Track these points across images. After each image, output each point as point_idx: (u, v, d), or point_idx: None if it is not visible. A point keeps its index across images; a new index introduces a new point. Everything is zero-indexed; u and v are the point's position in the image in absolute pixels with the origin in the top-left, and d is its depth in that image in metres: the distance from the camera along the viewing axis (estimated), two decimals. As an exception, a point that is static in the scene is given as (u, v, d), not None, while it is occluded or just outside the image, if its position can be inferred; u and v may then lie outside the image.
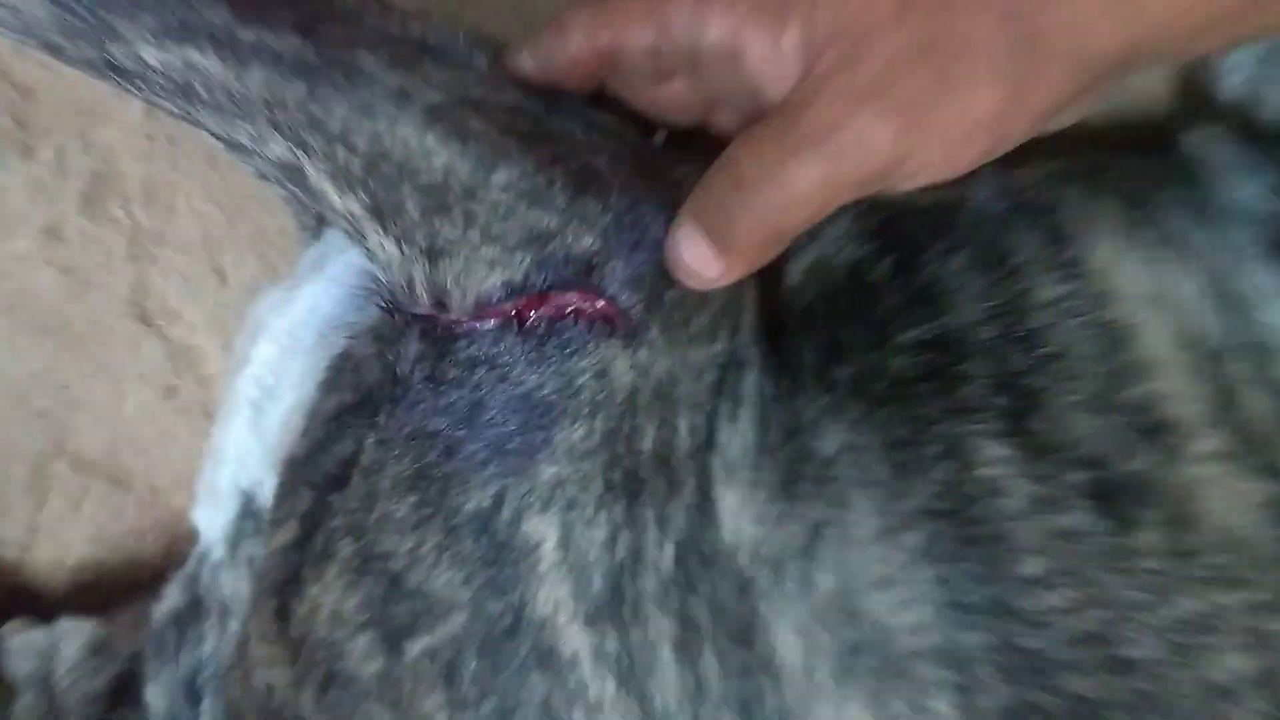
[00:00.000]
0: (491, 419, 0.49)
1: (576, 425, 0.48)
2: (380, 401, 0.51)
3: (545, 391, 0.49)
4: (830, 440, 0.52)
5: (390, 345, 0.51)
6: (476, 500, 0.48)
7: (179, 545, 0.76)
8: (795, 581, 0.50)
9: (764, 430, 0.52)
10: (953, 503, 0.50)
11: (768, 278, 0.54)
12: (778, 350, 0.54)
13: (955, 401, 0.52)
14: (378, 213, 0.49)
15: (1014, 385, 0.52)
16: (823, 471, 0.51)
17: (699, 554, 0.49)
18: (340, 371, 0.54)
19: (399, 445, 0.49)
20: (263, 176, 0.56)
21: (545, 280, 0.49)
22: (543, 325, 0.49)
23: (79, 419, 0.73)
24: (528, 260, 0.48)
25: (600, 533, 0.48)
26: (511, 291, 0.49)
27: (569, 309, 0.49)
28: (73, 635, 0.62)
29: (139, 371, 0.73)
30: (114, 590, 0.74)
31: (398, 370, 0.50)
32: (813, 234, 0.55)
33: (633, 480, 0.49)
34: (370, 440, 0.50)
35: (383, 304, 0.52)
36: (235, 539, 0.60)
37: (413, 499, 0.48)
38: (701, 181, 0.48)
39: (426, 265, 0.49)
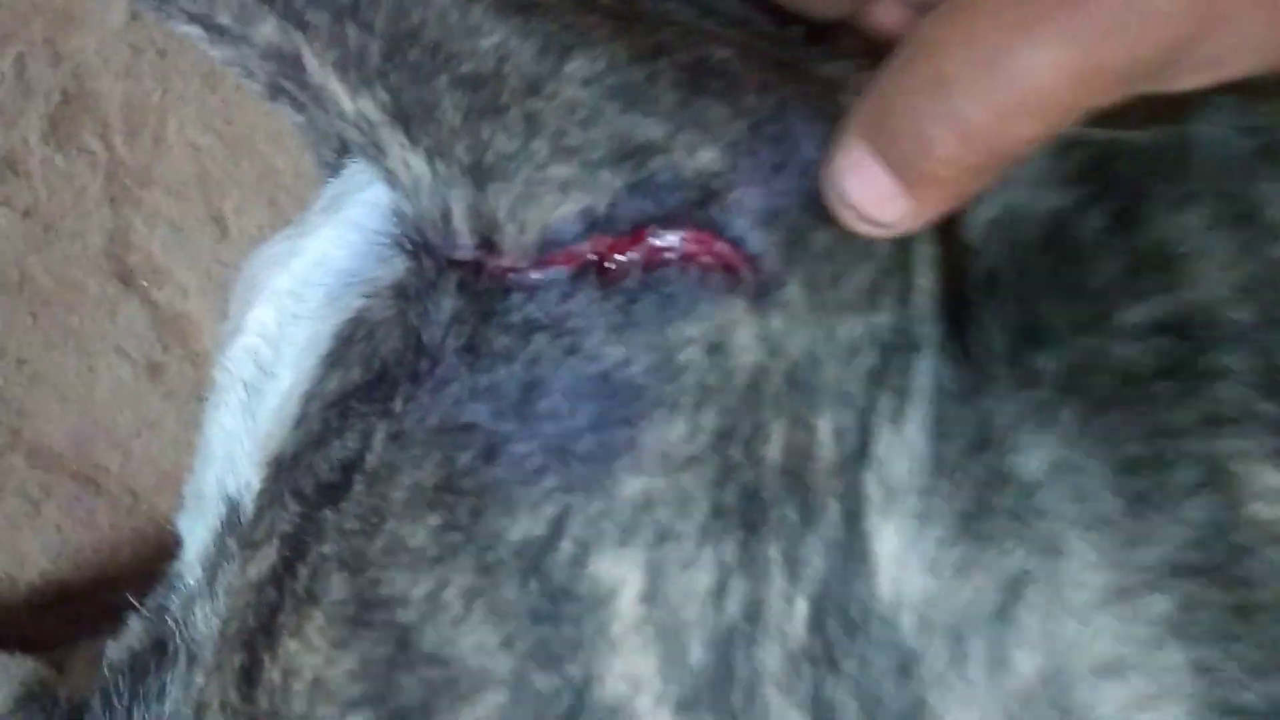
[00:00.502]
0: (552, 408, 0.34)
1: (675, 420, 0.34)
2: (398, 381, 0.36)
3: (632, 370, 0.34)
4: (1034, 457, 0.37)
5: (416, 303, 0.35)
6: (526, 526, 0.33)
7: (162, 562, 0.61)
8: (983, 661, 0.36)
9: (940, 439, 0.37)
10: (1214, 555, 0.36)
11: (940, 232, 0.38)
12: (958, 329, 0.38)
13: (1208, 407, 0.38)
14: (402, 116, 0.37)
15: None
16: (1024, 502, 0.37)
17: (843, 615, 0.34)
18: (349, 342, 0.39)
19: (419, 442, 0.35)
20: (265, 89, 0.42)
21: (641, 212, 0.35)
22: (634, 275, 0.35)
23: (40, 401, 0.60)
24: (616, 183, 0.35)
25: (703, 579, 0.34)
26: (591, 226, 0.35)
27: (673, 254, 0.34)
28: (1, 677, 0.47)
29: (116, 343, 0.60)
30: (78, 616, 0.61)
31: (424, 337, 0.35)
32: (1008, 176, 0.39)
33: (752, 503, 0.34)
34: (381, 434, 0.36)
35: (408, 246, 0.37)
36: (214, 561, 0.46)
37: (435, 520, 0.33)
38: (875, 84, 0.34)
39: (470, 190, 0.36)
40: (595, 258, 0.35)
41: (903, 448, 0.37)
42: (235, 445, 0.49)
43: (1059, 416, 0.38)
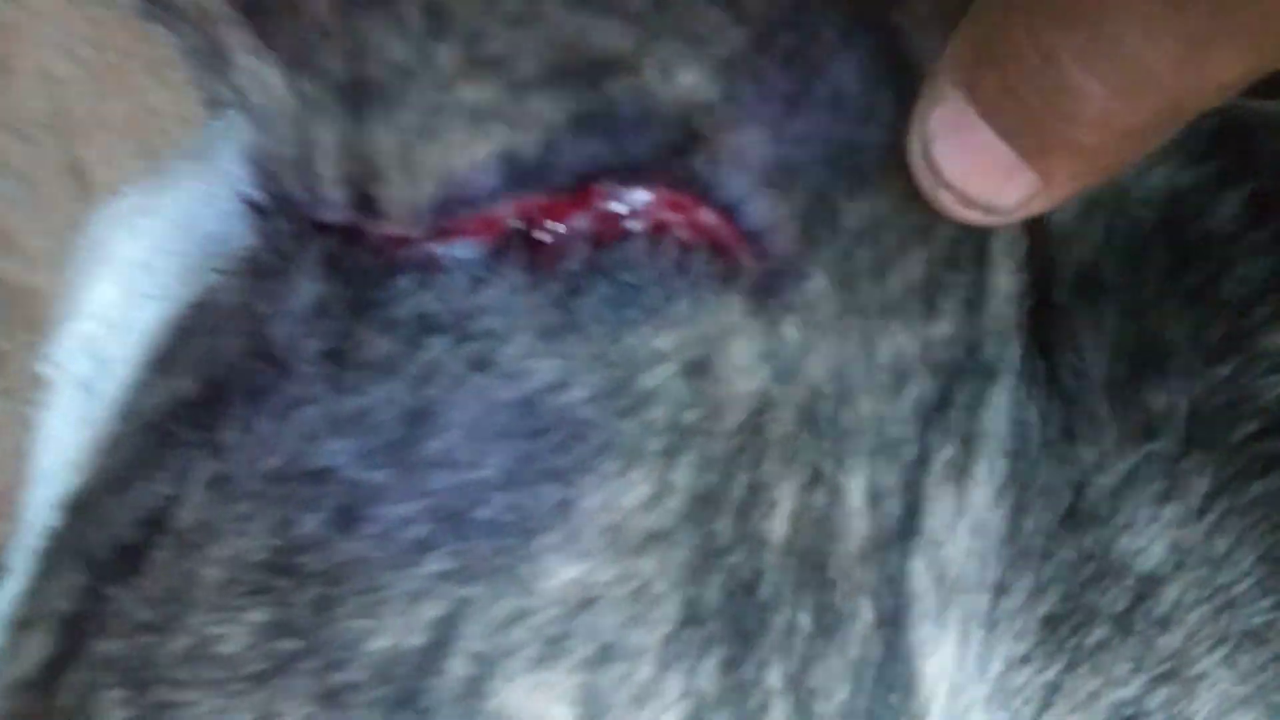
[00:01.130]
0: (448, 452, 0.23)
1: (634, 476, 0.23)
2: (232, 399, 0.23)
3: (572, 397, 0.23)
4: (1155, 540, 0.26)
5: (265, 286, 0.23)
6: (397, 632, 0.22)
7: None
8: None
9: (1019, 510, 0.26)
10: None
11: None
12: (1045, 349, 0.26)
13: None
14: (250, 5, 0.25)
15: None
16: (1140, 606, 0.26)
17: None
18: (186, 337, 0.27)
19: (249, 494, 0.23)
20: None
21: (592, 160, 0.23)
22: (579, 254, 0.22)
23: None
24: (556, 114, 0.23)
25: (664, 718, 0.23)
26: (516, 179, 0.24)
27: (637, 224, 0.23)
28: None
29: (-53, 324, 0.48)
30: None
31: (271, 335, 0.23)
32: None
33: (744, 604, 0.23)
34: (200, 477, 0.23)
35: (260, 201, 0.25)
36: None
37: (260, 617, 0.22)
38: (985, 15, 0.22)
39: (343, 118, 0.24)
40: (522, 226, 0.23)
41: (967, 521, 0.25)
42: (64, 462, 0.37)
43: (1189, 480, 0.26)
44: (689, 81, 0.23)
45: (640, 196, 0.23)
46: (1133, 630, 0.25)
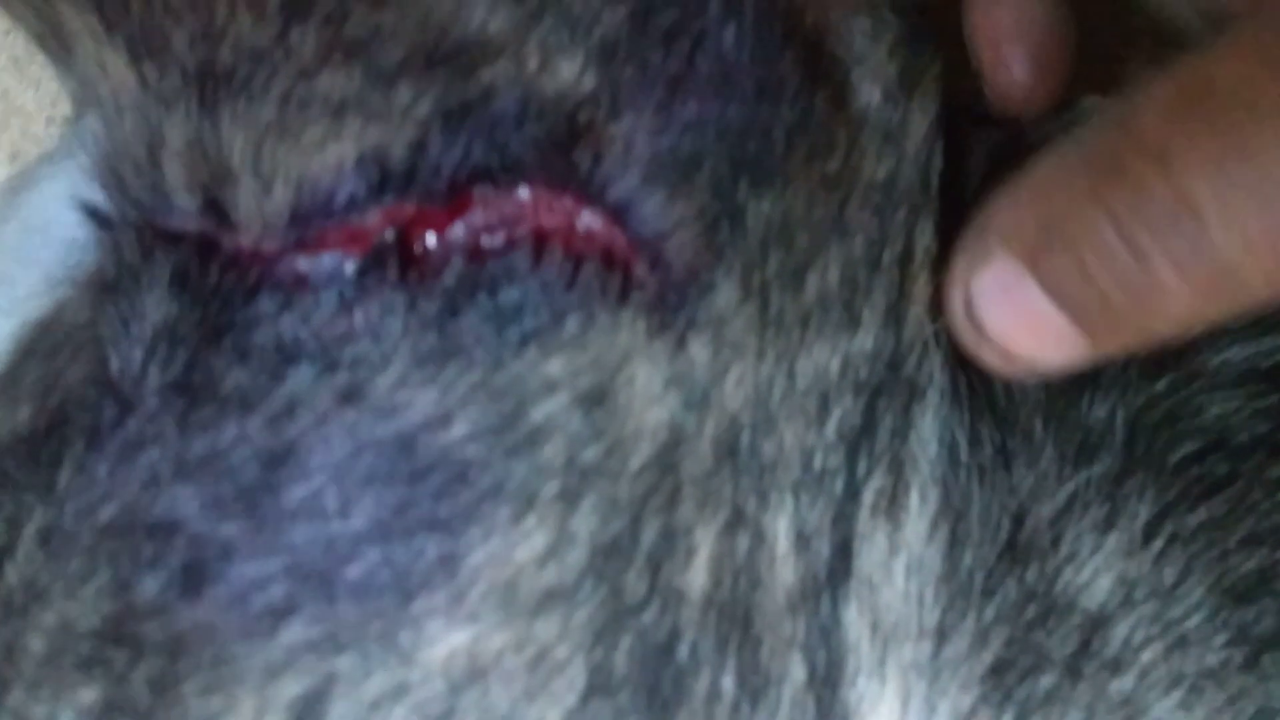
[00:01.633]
0: (312, 500, 0.19)
1: (527, 526, 0.19)
2: (69, 435, 0.20)
3: (454, 435, 0.19)
4: (1100, 573, 0.24)
5: (109, 305, 0.20)
6: (250, 715, 0.18)
7: None
8: None
9: (956, 545, 0.23)
10: None
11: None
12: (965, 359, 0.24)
13: None
14: None
15: None
16: (1089, 647, 0.23)
17: None
18: (26, 359, 0.23)
19: (82, 549, 0.20)
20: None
21: (466, 160, 0.20)
22: (455, 268, 0.19)
23: None
24: (423, 108, 0.20)
25: None
26: (380, 184, 0.20)
27: (519, 231, 0.19)
28: None
29: None
30: None
31: (113, 363, 0.20)
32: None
33: (659, 669, 0.21)
34: (31, 529, 0.20)
35: (104, 209, 0.21)
36: None
37: (90, 696, 0.19)
38: (1038, 178, 0.21)
39: (194, 112, 0.21)
40: (393, 238, 0.20)
41: (902, 559, 0.23)
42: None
43: (1130, 505, 0.23)
44: (570, 70, 0.21)
45: (520, 200, 0.20)
46: (1083, 675, 0.23)
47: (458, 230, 0.20)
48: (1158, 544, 0.23)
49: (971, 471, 0.24)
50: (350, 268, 0.21)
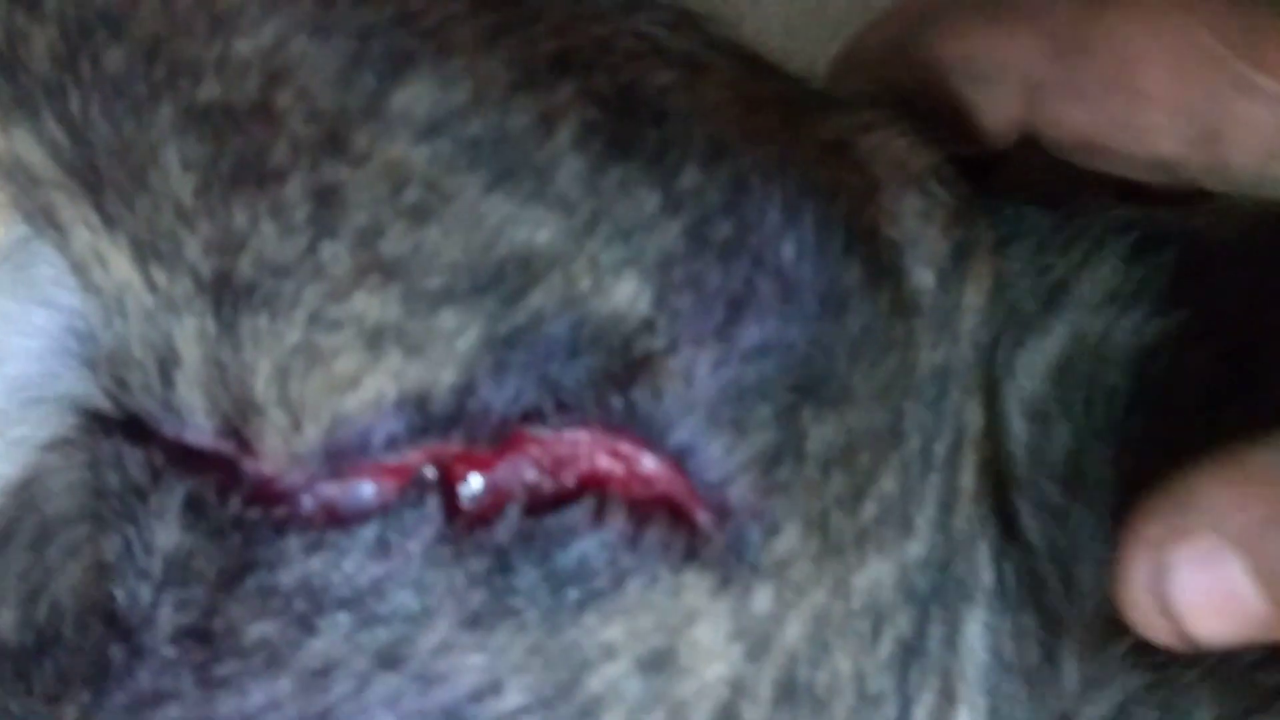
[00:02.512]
0: None
1: None
2: (69, 672, 0.18)
3: (506, 706, 0.17)
4: None
5: (111, 522, 0.18)
6: None
7: None
8: None
9: None
10: None
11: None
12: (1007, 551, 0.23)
13: None
14: (85, 173, 0.20)
15: None
16: None
17: None
18: (6, 544, 0.22)
19: None
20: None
21: (515, 400, 0.19)
22: (508, 520, 0.17)
23: None
24: (472, 338, 0.18)
25: None
26: (425, 425, 0.19)
27: (575, 477, 0.17)
28: None
29: None
30: None
31: (118, 600, 0.18)
32: (1058, 284, 0.27)
33: None
34: None
35: (103, 409, 0.19)
36: None
37: None
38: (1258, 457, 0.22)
39: (210, 322, 0.19)
40: (436, 473, 0.19)
41: None
42: None
43: (1186, 710, 0.23)
44: (625, 291, 0.19)
45: (575, 441, 0.19)
46: None
47: (506, 473, 0.19)
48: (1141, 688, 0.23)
49: (1019, 676, 0.23)
50: (386, 503, 0.19)
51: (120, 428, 0.21)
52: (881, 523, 0.21)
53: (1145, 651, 0.23)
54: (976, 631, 0.22)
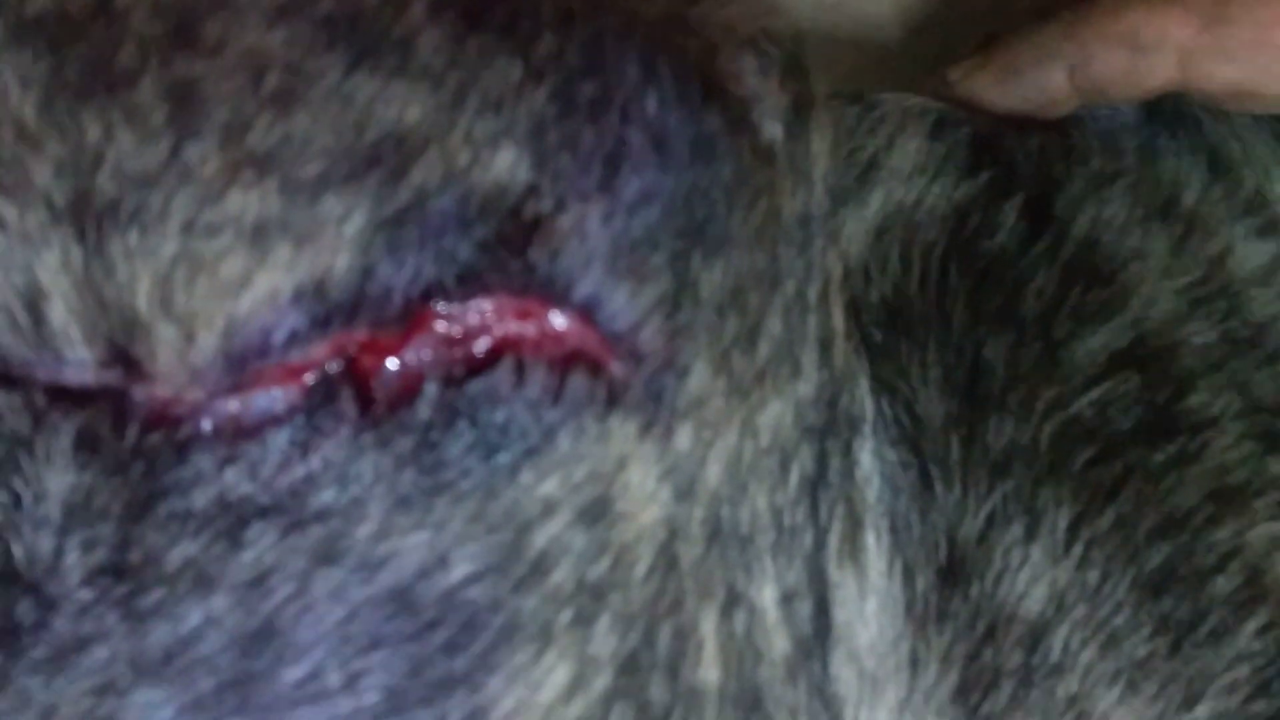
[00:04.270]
0: (311, 678, 0.17)
1: (548, 660, 0.18)
2: None
3: (453, 578, 0.17)
4: (1032, 584, 0.25)
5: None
6: None
7: None
8: None
9: (907, 576, 0.23)
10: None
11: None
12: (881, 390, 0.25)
13: (1213, 476, 0.27)
14: None
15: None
16: (1034, 656, 0.24)
17: None
18: None
19: None
20: None
21: (417, 276, 0.19)
22: (428, 396, 0.17)
23: None
24: (357, 220, 0.18)
25: None
26: (327, 315, 0.18)
27: (485, 343, 0.17)
28: None
29: None
30: None
31: (15, 553, 0.17)
32: (871, 162, 0.30)
33: None
34: None
35: None
36: None
37: None
38: None
39: (73, 251, 0.18)
40: (341, 366, 0.18)
41: (872, 602, 0.23)
42: None
43: (1047, 516, 0.25)
44: (503, 160, 0.19)
45: (481, 311, 0.19)
46: (1033, 682, 0.24)
47: (418, 352, 0.18)
48: (1078, 550, 0.25)
49: (907, 498, 0.24)
50: (295, 406, 0.18)
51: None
52: (774, 363, 0.22)
53: (1005, 471, 0.25)
54: (869, 461, 0.23)
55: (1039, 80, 0.32)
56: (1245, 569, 0.26)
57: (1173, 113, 0.33)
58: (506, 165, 0.19)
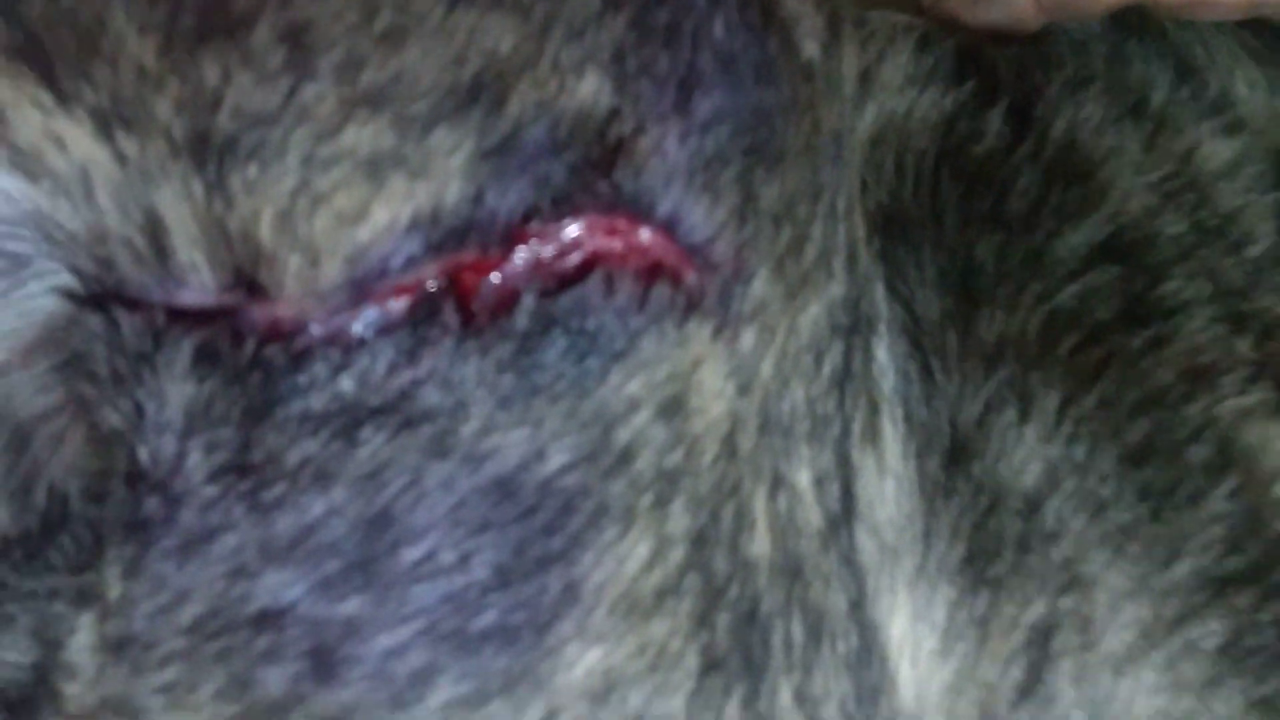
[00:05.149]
0: (426, 558, 0.20)
1: (632, 538, 0.21)
2: (100, 536, 0.19)
3: (550, 468, 0.20)
4: (1027, 460, 0.27)
5: (112, 395, 0.19)
6: None
7: None
8: None
9: (920, 457, 0.26)
10: (1254, 557, 0.28)
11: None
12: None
13: (1186, 356, 0.30)
14: (26, 43, 0.19)
15: (1247, 315, 0.31)
16: (1031, 524, 0.27)
17: None
18: None
19: (174, 653, 0.19)
20: None
21: (518, 202, 0.20)
22: (527, 308, 0.19)
23: None
24: (462, 154, 0.20)
25: None
26: (441, 241, 0.20)
27: (576, 260, 0.19)
28: None
29: None
30: None
31: (140, 455, 0.19)
32: (864, 75, 0.32)
33: (750, 634, 0.22)
34: (84, 637, 0.20)
35: (78, 288, 0.19)
36: None
37: None
38: None
39: (197, 184, 0.19)
40: (439, 286, 0.20)
41: (890, 482, 0.25)
42: None
43: (1038, 400, 0.27)
44: (588, 87, 0.21)
45: (573, 229, 0.21)
46: (1031, 549, 0.27)
47: (517, 268, 0.20)
48: (1066, 429, 0.28)
49: (917, 387, 0.27)
50: (403, 319, 0.20)
51: (102, 306, 0.20)
52: (815, 269, 0.24)
53: (998, 360, 0.28)
54: (885, 354, 0.26)
55: (1005, 1, 0.33)
56: (1217, 439, 0.28)
57: (1138, 22, 0.35)
58: (591, 91, 0.20)
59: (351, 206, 0.19)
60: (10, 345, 0.22)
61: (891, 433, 0.26)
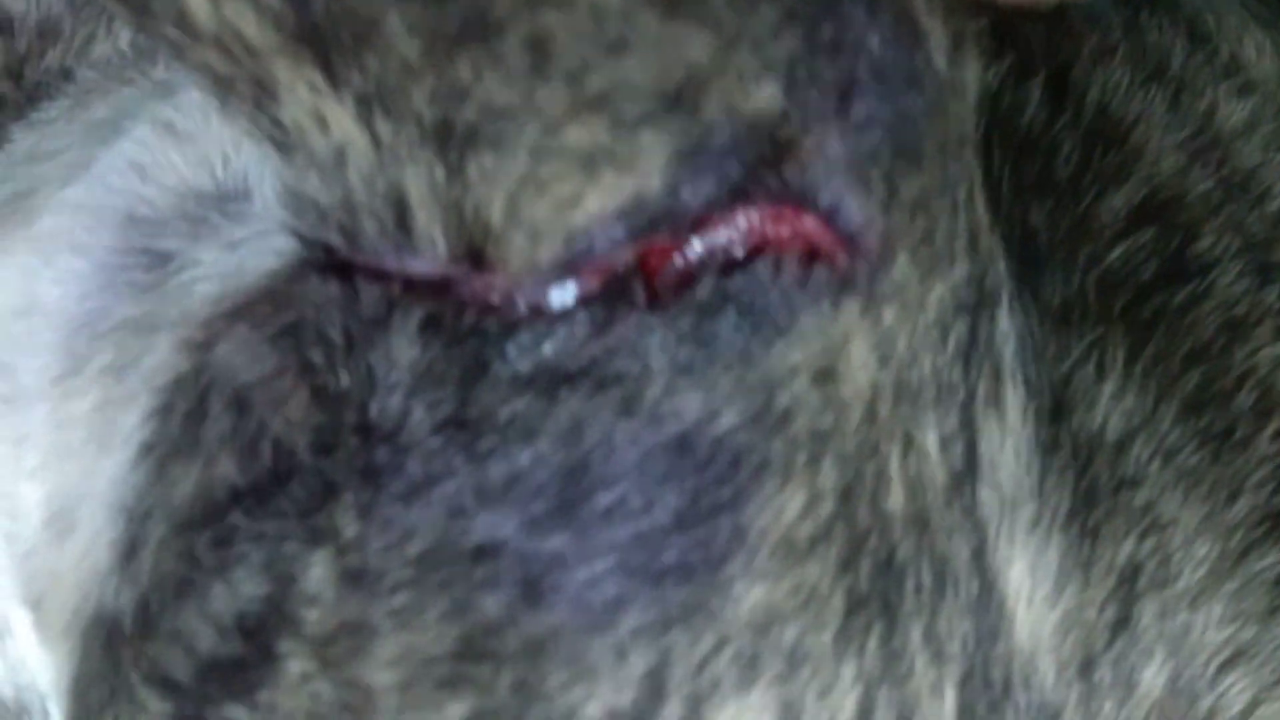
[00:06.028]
0: (619, 502, 0.23)
1: (790, 490, 0.24)
2: (332, 482, 0.22)
3: (723, 426, 0.23)
4: (1110, 412, 0.30)
5: (347, 357, 0.22)
6: (609, 695, 0.23)
7: None
8: (1110, 690, 0.29)
9: (1039, 421, 0.28)
10: None
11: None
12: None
13: (1222, 310, 0.33)
14: (313, 37, 0.22)
15: (1272, 266, 0.34)
16: (1119, 471, 0.30)
17: (989, 691, 0.27)
18: (188, 420, 0.25)
19: (405, 584, 0.23)
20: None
21: (706, 194, 0.23)
22: (706, 285, 0.23)
23: None
24: (664, 151, 0.23)
25: (847, 706, 0.25)
26: (641, 228, 0.23)
27: (748, 245, 0.22)
28: None
29: None
30: None
31: (372, 411, 0.22)
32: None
33: (887, 579, 0.25)
34: (320, 571, 0.23)
35: (320, 257, 0.23)
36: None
37: (459, 709, 0.23)
38: None
39: (438, 167, 0.22)
40: (629, 266, 0.23)
41: (1010, 442, 0.28)
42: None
43: (1108, 358, 0.30)
44: (766, 93, 0.23)
45: (746, 217, 0.24)
46: (1120, 497, 0.30)
47: (698, 250, 0.23)
48: (1134, 382, 0.30)
49: (1031, 353, 0.30)
50: (598, 294, 0.23)
51: (341, 275, 0.24)
52: (941, 254, 0.27)
53: (1067, 320, 0.30)
54: (1005, 325, 0.29)
55: None
56: (1258, 386, 0.31)
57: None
58: (767, 97, 0.23)
59: (569, 194, 0.22)
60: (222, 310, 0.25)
61: (1013, 398, 0.29)
